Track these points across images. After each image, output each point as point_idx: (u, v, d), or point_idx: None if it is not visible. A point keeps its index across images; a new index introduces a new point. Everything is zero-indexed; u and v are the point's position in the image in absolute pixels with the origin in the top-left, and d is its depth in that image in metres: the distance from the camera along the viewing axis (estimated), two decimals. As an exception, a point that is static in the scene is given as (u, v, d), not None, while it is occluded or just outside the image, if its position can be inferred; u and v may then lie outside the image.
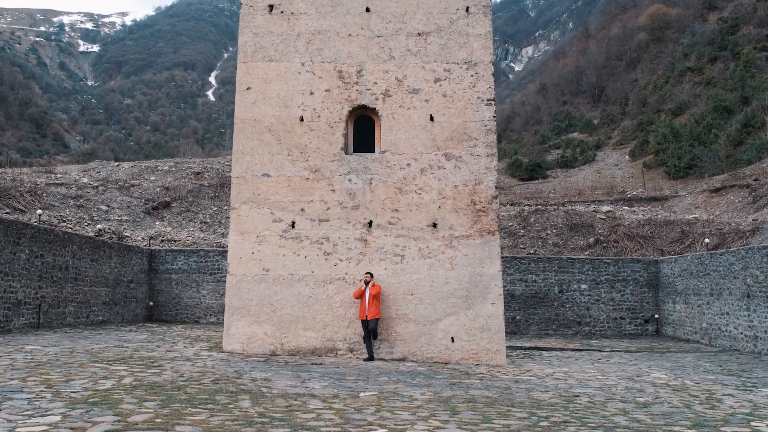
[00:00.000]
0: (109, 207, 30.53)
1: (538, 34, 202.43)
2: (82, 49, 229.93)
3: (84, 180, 37.09)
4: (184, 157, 70.91)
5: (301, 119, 14.46)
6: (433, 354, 13.67)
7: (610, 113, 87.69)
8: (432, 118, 14.35)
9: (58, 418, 6.68)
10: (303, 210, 14.16)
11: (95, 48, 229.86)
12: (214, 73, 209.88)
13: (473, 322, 13.72)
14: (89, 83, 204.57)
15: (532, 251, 28.32)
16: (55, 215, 26.93)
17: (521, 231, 29.58)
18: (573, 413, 8.30)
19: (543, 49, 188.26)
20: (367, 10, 14.72)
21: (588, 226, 29.36)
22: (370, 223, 14.06)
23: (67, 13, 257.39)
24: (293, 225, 14.12)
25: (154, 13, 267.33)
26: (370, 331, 13.35)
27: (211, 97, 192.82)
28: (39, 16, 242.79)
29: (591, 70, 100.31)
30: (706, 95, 69.80)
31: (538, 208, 32.96)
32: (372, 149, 14.64)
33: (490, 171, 14.16)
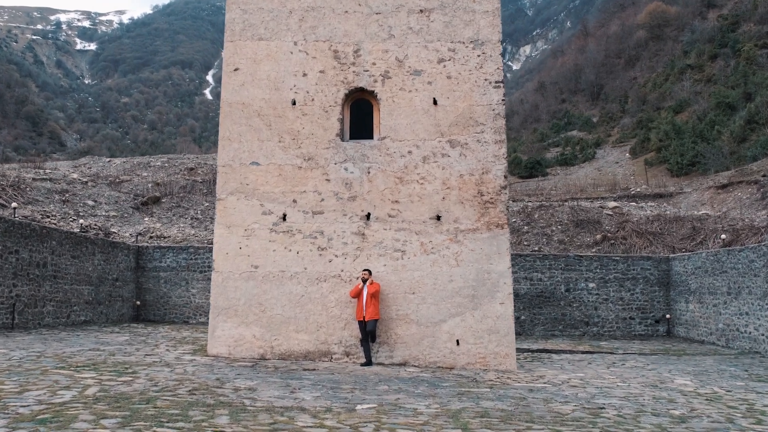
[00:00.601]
0: (96, 202, 29.33)
1: (535, 33, 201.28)
2: (79, 47, 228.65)
3: (74, 175, 35.91)
4: (179, 154, 69.63)
5: (294, 103, 13.30)
6: (437, 358, 12.53)
7: (609, 111, 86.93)
8: (435, 102, 13.20)
9: (-9, 441, 5.54)
10: (295, 201, 13.00)
11: (92, 46, 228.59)
12: (211, 72, 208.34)
13: (480, 323, 12.58)
14: (86, 81, 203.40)
15: (537, 248, 27.21)
16: (39, 210, 25.75)
17: (525, 227, 28.46)
18: (604, 430, 7.16)
19: (541, 48, 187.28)
20: (365, -15, 13.55)
21: (594, 222, 28.23)
22: (368, 216, 12.92)
23: (64, 11, 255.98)
24: (284, 218, 12.98)
25: (151, 12, 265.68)
26: (368, 333, 12.21)
27: (209, 96, 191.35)
28: (36, 14, 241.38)
29: (590, 69, 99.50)
30: (706, 92, 69.05)
31: (542, 203, 31.84)
32: (370, 135, 13.49)
33: (498, 159, 13.01)
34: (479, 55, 13.31)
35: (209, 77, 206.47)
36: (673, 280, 23.53)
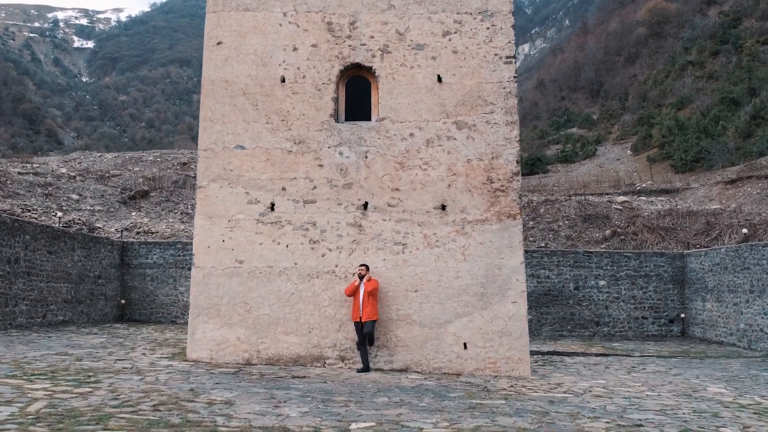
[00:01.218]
0: (80, 196, 28.00)
1: (534, 32, 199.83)
2: (76, 45, 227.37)
3: (62, 170, 34.60)
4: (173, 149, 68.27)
5: (283, 80, 12.01)
6: (442, 363, 11.25)
7: (609, 108, 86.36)
8: (440, 79, 11.91)
9: None
10: (284, 189, 11.72)
11: (90, 44, 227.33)
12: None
13: (490, 324, 11.30)
14: (84, 79, 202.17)
15: (543, 244, 25.93)
16: (19, 204, 24.42)
17: (531, 223, 27.18)
18: (651, 457, 5.89)
19: (539, 46, 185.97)
20: (362, -49, 12.25)
21: (603, 217, 26.95)
22: (366, 205, 11.64)
23: (62, 9, 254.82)
24: (272, 207, 11.70)
25: (149, 10, 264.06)
26: (366, 335, 10.93)
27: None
28: (33, 11, 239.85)
29: (589, 66, 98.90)
30: (708, 89, 68.35)
31: (547, 198, 30.55)
32: (368, 116, 12.21)
33: (510, 142, 11.73)
34: (488, 28, 12.03)
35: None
36: (689, 277, 22.25)
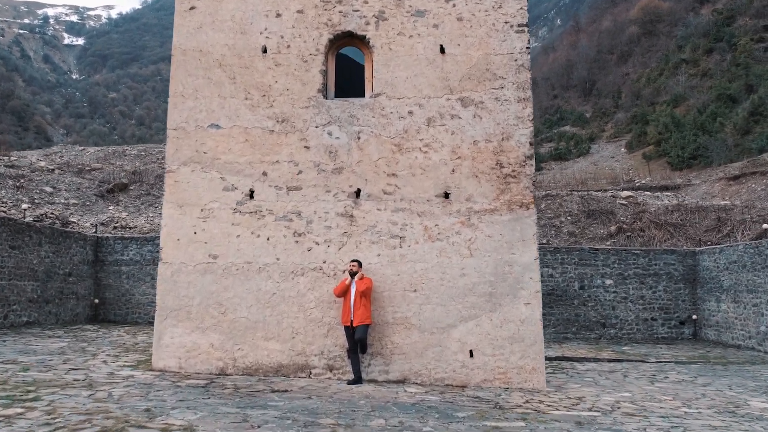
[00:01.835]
0: (55, 189, 26.44)
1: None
2: (66, 42, 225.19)
3: (41, 163, 33.02)
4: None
5: (264, 50, 10.56)
6: (445, 374, 9.82)
7: (602, 107, 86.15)
8: (443, 50, 10.49)
9: None
10: (265, 174, 10.27)
11: (80, 41, 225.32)
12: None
13: (500, 329, 9.89)
14: (74, 76, 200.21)
15: (545, 241, 24.58)
16: (-13, 197, 22.88)
17: (532, 219, 25.83)
18: None
19: (531, 45, 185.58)
20: None
21: (608, 212, 25.62)
22: (358, 193, 10.20)
23: (52, 6, 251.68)
24: (252, 195, 10.24)
25: (140, 7, 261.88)
26: (357, 341, 9.50)
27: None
28: (23, 8, 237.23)
29: (582, 64, 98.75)
30: (702, 86, 68.05)
31: (548, 193, 29.19)
32: (361, 92, 10.79)
33: (522, 122, 10.32)
34: (498, -8, 10.61)
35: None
36: (701, 276, 20.93)
